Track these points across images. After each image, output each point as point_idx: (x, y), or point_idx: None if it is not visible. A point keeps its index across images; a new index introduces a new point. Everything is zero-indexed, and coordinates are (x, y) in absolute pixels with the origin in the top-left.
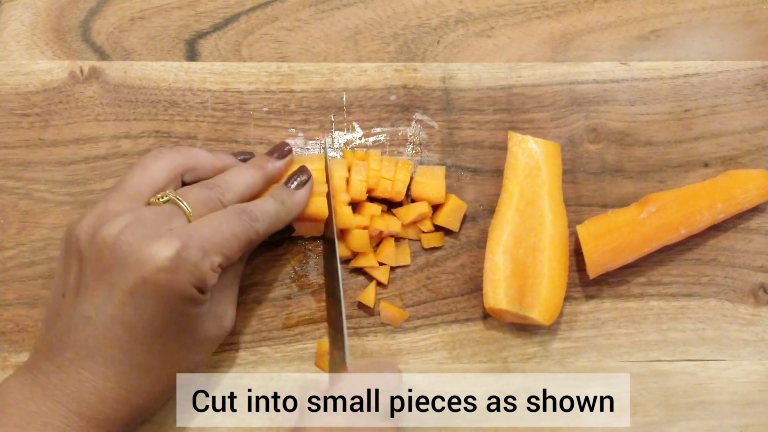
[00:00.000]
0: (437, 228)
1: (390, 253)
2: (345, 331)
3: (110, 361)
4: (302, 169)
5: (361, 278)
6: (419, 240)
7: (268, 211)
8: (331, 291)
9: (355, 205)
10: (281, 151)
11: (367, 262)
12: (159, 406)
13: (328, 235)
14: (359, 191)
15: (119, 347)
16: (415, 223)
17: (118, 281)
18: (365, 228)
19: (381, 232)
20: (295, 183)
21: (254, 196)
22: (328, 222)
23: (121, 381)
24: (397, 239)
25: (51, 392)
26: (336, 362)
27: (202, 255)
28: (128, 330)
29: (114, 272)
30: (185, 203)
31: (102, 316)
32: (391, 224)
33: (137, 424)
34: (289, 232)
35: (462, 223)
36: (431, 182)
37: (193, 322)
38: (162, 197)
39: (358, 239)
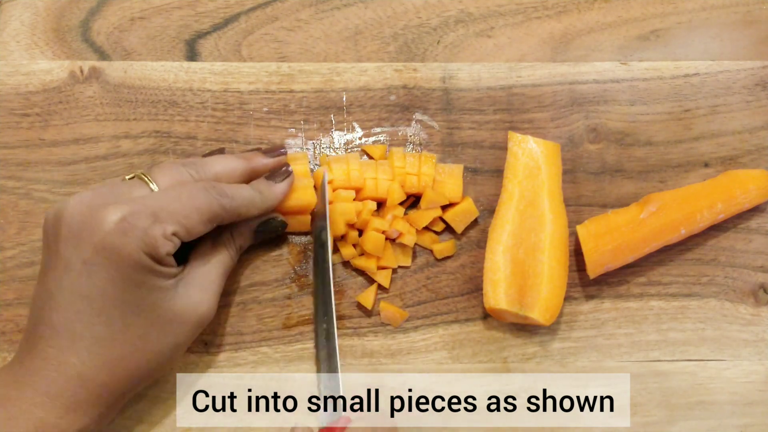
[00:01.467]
0: (446, 227)
1: (391, 256)
2: (335, 332)
3: (72, 336)
4: (284, 166)
5: (360, 279)
6: (431, 250)
7: (242, 193)
8: (319, 290)
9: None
10: (275, 152)
11: (367, 265)
12: (133, 391)
13: (316, 232)
14: (384, 190)
15: (78, 320)
16: (427, 228)
17: (73, 253)
18: (383, 232)
19: (400, 234)
20: (275, 178)
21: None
22: (315, 218)
23: (83, 356)
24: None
25: (21, 376)
26: (322, 361)
27: (153, 221)
28: (86, 301)
29: (69, 244)
30: (149, 177)
31: (62, 290)
32: (408, 230)
33: (114, 413)
34: (283, 227)
35: None
36: (450, 180)
37: (154, 295)
38: (130, 175)
39: (374, 242)
